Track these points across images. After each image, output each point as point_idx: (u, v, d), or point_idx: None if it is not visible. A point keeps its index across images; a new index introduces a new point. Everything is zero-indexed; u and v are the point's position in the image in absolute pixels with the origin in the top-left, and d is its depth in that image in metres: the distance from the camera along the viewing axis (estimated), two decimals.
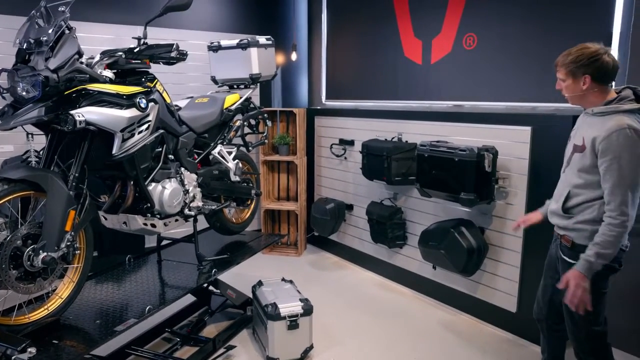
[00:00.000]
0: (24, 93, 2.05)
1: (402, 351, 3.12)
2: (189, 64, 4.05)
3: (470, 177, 3.06)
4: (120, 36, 4.24)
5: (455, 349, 3.15)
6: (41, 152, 2.45)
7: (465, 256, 3.21)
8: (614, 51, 2.92)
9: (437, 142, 3.41)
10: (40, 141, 3.02)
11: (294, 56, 5.09)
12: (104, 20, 4.25)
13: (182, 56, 2.37)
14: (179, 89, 4.40)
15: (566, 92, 2.14)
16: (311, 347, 3.02)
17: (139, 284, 2.73)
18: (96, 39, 4.16)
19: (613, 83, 2.17)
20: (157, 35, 4.19)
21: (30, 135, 3.50)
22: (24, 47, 2.11)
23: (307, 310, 2.96)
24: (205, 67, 3.86)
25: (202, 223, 3.24)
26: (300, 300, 3.00)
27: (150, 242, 4.35)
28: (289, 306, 2.93)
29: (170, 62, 2.35)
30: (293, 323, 2.90)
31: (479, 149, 3.06)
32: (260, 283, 3.29)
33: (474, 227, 3.31)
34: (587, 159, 2.03)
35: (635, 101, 2.00)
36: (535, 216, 2.47)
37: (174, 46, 2.34)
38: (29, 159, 3.56)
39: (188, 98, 3.32)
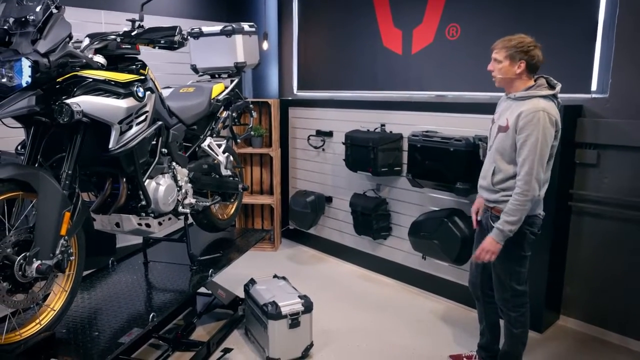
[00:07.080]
0: (4, 80, 1.80)
1: (401, 343, 3.10)
2: (146, 51, 3.82)
3: (466, 166, 3.06)
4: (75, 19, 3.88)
5: (452, 338, 3.16)
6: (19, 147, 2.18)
7: (459, 246, 3.22)
8: (598, 42, 3.02)
9: (427, 132, 3.40)
10: None
11: (265, 45, 4.91)
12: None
13: (184, 40, 2.17)
14: None
15: (499, 74, 2.33)
16: (311, 344, 2.92)
17: (131, 289, 2.52)
18: None
19: None
20: (117, 19, 3.89)
21: None
22: (4, 27, 1.86)
23: (308, 307, 2.86)
24: (166, 55, 3.59)
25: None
26: (300, 297, 2.90)
27: (120, 241, 4.06)
28: (290, 304, 2.82)
29: (172, 46, 2.14)
30: (295, 321, 2.80)
31: (473, 138, 3.07)
32: (252, 281, 3.15)
33: (465, 217, 3.33)
34: (510, 138, 2.27)
35: (548, 89, 2.26)
36: (480, 203, 2.60)
37: (177, 29, 2.13)
38: None
39: (166, 87, 3.10)
